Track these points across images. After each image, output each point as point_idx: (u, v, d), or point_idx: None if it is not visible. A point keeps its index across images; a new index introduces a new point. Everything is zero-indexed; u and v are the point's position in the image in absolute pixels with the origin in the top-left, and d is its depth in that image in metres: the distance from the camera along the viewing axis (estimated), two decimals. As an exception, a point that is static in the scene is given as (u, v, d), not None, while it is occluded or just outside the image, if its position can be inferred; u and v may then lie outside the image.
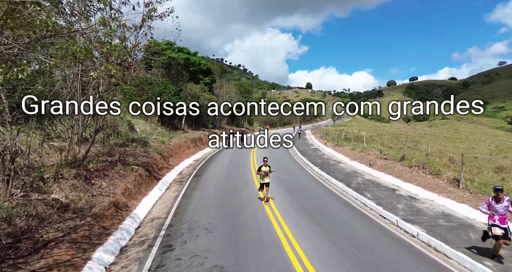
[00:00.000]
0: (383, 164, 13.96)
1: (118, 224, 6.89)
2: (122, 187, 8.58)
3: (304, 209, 8.57)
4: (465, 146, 50.54)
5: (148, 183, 10.51)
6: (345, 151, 19.52)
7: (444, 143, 49.53)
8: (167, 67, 27.06)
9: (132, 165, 10.57)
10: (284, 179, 12.50)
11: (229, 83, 40.31)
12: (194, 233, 6.71)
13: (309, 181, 12.48)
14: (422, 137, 57.24)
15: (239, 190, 10.61)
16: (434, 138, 55.13)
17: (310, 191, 10.68)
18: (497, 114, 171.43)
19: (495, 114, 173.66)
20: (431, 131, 68.43)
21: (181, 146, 18.80)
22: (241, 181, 12.07)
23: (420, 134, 58.23)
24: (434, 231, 6.70)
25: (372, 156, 16.01)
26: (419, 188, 10.41)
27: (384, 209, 8.32)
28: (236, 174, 13.56)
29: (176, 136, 21.13)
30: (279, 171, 14.32)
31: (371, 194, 10.01)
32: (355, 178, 12.49)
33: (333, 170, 14.37)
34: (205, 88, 27.93)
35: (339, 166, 15.57)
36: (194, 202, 9.19)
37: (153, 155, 13.58)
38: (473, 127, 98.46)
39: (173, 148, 17.23)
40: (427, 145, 39.37)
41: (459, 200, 8.73)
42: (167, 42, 26.82)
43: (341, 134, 30.16)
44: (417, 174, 11.66)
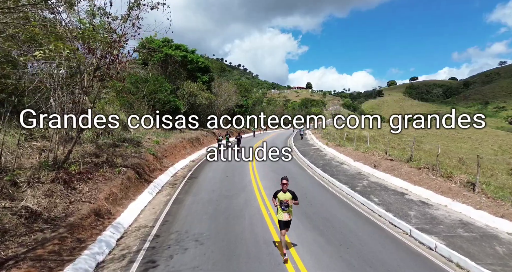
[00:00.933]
0: (389, 165, 13.18)
1: (98, 234, 6.10)
2: (106, 191, 7.80)
3: (307, 216, 7.78)
4: (468, 146, 49.85)
5: (137, 186, 9.72)
6: (347, 151, 18.73)
7: (447, 143, 48.78)
8: (163, 65, 26.27)
9: (120, 167, 9.78)
10: (284, 182, 11.71)
11: (228, 82, 39.48)
12: (183, 245, 5.92)
13: (311, 184, 11.70)
14: (424, 136, 56.55)
15: (236, 194, 9.82)
16: (436, 138, 54.42)
17: (313, 195, 9.89)
18: (498, 114, 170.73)
19: (495, 114, 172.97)
20: (432, 131, 67.62)
21: (177, 146, 18.01)
22: (239, 184, 11.28)
23: (421, 134, 57.50)
24: (454, 243, 5.92)
25: (376, 157, 15.22)
26: (430, 191, 9.62)
27: (394, 216, 7.54)
28: (234, 176, 12.78)
29: (172, 135, 20.34)
30: (278, 172, 13.54)
31: (379, 198, 9.22)
32: (360, 181, 11.70)
33: (336, 171, 13.58)
34: (203, 87, 27.17)
35: (342, 167, 14.78)
36: (185, 208, 8.41)
37: (146, 156, 12.80)
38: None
39: (168, 148, 16.44)
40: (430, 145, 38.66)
41: (476, 205, 7.95)
42: (164, 39, 26.08)
43: (343, 135, 29.41)
44: (427, 176, 10.87)
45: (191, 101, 26.25)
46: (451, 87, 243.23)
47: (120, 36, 8.37)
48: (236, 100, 40.64)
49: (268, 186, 10.90)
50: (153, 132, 18.95)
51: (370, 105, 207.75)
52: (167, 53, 24.28)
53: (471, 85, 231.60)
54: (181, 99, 25.68)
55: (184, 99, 25.82)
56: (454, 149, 39.60)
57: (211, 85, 31.55)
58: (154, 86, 21.09)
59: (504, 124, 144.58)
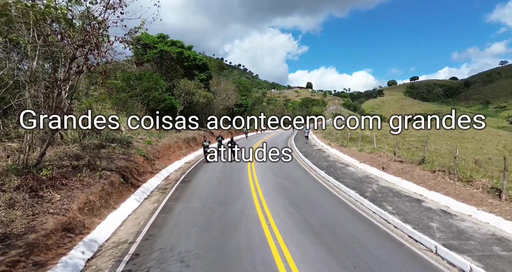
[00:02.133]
0: (399, 168, 12.15)
1: (63, 255, 5.07)
2: (82, 200, 6.77)
3: (312, 228, 6.76)
4: (472, 146, 48.78)
5: (121, 192, 8.69)
6: (352, 152, 17.70)
7: (451, 143, 47.71)
8: (159, 62, 25.25)
9: (103, 170, 8.76)
10: (286, 186, 10.69)
11: (227, 81, 38.42)
12: (165, 268, 4.90)
13: (315, 189, 10.66)
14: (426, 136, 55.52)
15: (232, 200, 8.79)
16: (440, 138, 53.37)
17: (318, 202, 8.86)
18: (499, 114, 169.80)
19: (496, 114, 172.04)
20: (435, 131, 66.54)
21: (171, 146, 16.99)
22: (235, 188, 10.26)
23: (424, 134, 56.42)
24: (494, 266, 4.89)
25: (384, 158, 14.19)
26: (449, 198, 8.59)
27: (414, 229, 6.51)
28: (230, 179, 11.75)
29: (167, 135, 19.32)
30: (279, 175, 12.52)
31: (393, 206, 8.19)
32: (369, 185, 10.67)
33: (341, 174, 12.55)
34: (201, 85, 26.14)
35: (348, 169, 13.75)
36: (174, 218, 7.38)
37: (135, 158, 11.77)
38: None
39: (161, 149, 15.41)
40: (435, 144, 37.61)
41: (507, 215, 6.92)
42: (160, 35, 25.07)
43: (345, 135, 28.38)
44: (443, 181, 9.84)
45: (187, 99, 25.22)
46: (452, 87, 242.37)
47: (99, 23, 7.34)
48: (235, 100, 39.62)
49: (268, 191, 9.88)
50: (147, 132, 17.94)
51: (371, 105, 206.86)
52: (162, 49, 23.23)
53: (472, 85, 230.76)
54: (177, 98, 24.68)
55: (180, 97, 24.80)
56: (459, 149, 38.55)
57: (209, 84, 30.52)
58: (148, 83, 20.08)
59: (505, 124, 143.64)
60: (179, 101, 24.52)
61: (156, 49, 23.21)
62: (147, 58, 23.40)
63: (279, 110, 74.89)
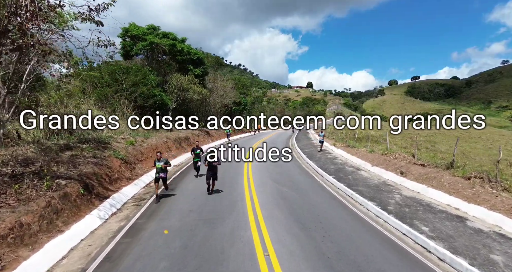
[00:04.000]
0: (422, 173, 10.26)
1: None
2: (8, 223, 4.88)
3: (327, 262, 4.87)
4: (481, 146, 46.76)
5: (79, 207, 6.79)
6: (361, 154, 15.82)
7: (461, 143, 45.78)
8: (150, 55, 23.37)
9: (58, 179, 6.88)
10: (288, 196, 8.80)
11: (224, 77, 36.49)
12: None
13: (325, 199, 8.77)
14: (432, 136, 53.53)
15: (220, 217, 6.91)
16: (446, 138, 51.33)
17: (330, 219, 6.98)
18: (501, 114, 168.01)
19: (498, 114, 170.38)
20: (440, 131, 64.63)
21: (159, 147, 15.09)
22: (227, 199, 8.37)
23: (429, 134, 54.50)
24: None
25: (401, 161, 12.31)
26: (497, 214, 6.71)
27: (472, 266, 4.62)
28: (222, 186, 9.86)
29: (155, 135, 17.44)
30: (280, 181, 10.63)
31: (429, 226, 6.30)
32: (389, 194, 8.78)
33: (353, 180, 10.67)
34: (195, 81, 24.23)
35: (360, 174, 11.87)
36: (140, 245, 5.49)
37: (109, 161, 9.89)
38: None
39: (145, 150, 13.52)
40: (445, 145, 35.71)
41: None
42: (150, 26, 23.17)
43: (350, 134, 26.52)
44: (483, 190, 7.95)
45: (181, 96, 23.34)
46: (453, 86, 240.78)
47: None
48: (233, 97, 37.74)
49: (267, 203, 7.99)
50: (133, 131, 16.07)
51: (372, 105, 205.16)
52: (152, 41, 21.32)
53: (473, 85, 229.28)
54: (169, 94, 22.80)
55: (173, 94, 22.93)
56: (469, 149, 36.58)
57: (204, 80, 28.62)
58: (135, 77, 18.19)
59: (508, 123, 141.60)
60: (172, 98, 22.66)
61: (146, 41, 21.30)
62: (136, 52, 21.50)
63: (279, 109, 72.99)
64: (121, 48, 22.44)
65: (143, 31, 21.86)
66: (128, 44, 22.02)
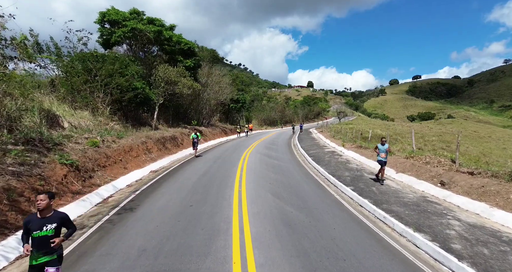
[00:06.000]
0: (475, 185, 7.56)
1: None
2: None
3: None
4: (494, 146, 44.17)
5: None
6: (379, 157, 13.11)
7: (470, 143, 43.11)
8: (133, 44, 20.65)
9: None
10: (294, 221, 6.08)
11: (220, 72, 33.70)
12: None
13: (346, 227, 6.04)
14: (441, 136, 50.88)
15: (186, 267, 4.20)
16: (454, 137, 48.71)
17: (359, 265, 4.27)
18: (504, 113, 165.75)
19: (501, 113, 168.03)
20: (448, 130, 61.86)
21: (134, 148, 12.40)
22: (205, 227, 5.67)
23: (438, 134, 51.85)
24: None
25: (436, 167, 9.62)
26: None
27: None
28: (203, 204, 7.16)
29: (135, 133, 14.76)
30: (282, 195, 7.90)
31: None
32: (442, 220, 6.06)
33: (380, 194, 7.97)
34: (185, 73, 21.48)
35: (387, 184, 9.17)
36: None
37: (49, 169, 7.20)
38: (481, 126, 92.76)
39: (113, 152, 10.83)
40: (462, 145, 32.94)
41: None
42: (133, 10, 20.45)
43: (357, 133, 23.85)
44: None
45: (169, 90, 20.62)
46: (455, 85, 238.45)
47: None
48: (230, 94, 35.00)
49: (263, 237, 5.27)
50: (105, 129, 13.40)
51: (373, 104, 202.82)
52: (135, 27, 18.58)
53: (475, 84, 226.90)
54: (156, 88, 20.09)
55: (160, 88, 20.22)
56: (483, 150, 33.90)
57: (197, 73, 25.90)
58: (112, 66, 15.45)
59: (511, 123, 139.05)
60: (158, 92, 19.95)
61: (127, 27, 18.57)
62: (115, 39, 18.76)
63: (279, 108, 70.26)
64: (100, 36, 19.73)
65: (124, 16, 19.12)
66: (107, 31, 19.30)
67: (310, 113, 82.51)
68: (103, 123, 14.39)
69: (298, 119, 71.54)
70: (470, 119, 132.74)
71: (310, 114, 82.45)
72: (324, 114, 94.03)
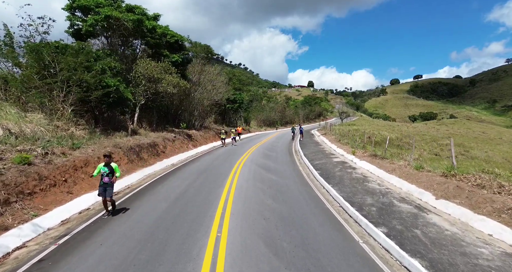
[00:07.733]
0: None
1: None
2: None
3: None
4: (508, 149, 41.42)
5: None
6: (402, 171, 10.33)
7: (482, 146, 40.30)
8: (109, 35, 17.86)
9: None
10: None
11: (213, 69, 30.84)
12: None
13: None
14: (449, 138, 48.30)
15: None
16: (468, 140, 46.00)
17: None
18: (506, 113, 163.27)
19: (504, 113, 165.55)
20: (455, 131, 59.15)
21: (90, 163, 9.60)
22: None
23: (446, 135, 49.09)
24: None
25: (496, 193, 6.84)
26: None
27: None
28: (161, 261, 4.38)
29: (99, 141, 11.98)
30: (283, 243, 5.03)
31: None
32: None
33: (434, 246, 5.18)
34: (171, 69, 18.72)
35: (435, 224, 6.36)
36: None
37: None
38: (485, 126, 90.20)
39: (56, 171, 8.04)
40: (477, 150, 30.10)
41: None
42: (109, -5, 17.63)
43: (363, 136, 21.10)
44: None
45: (151, 89, 17.86)
46: (456, 85, 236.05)
47: None
48: (226, 93, 32.23)
49: None
50: (60, 136, 10.69)
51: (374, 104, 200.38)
52: (109, 15, 15.77)
53: (477, 83, 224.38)
54: (135, 87, 17.32)
55: (141, 85, 17.46)
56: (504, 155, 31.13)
57: (186, 70, 23.09)
58: (75, 59, 12.65)
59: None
60: (138, 91, 17.18)
61: (100, 15, 15.78)
62: (87, 29, 15.95)
63: (280, 108, 67.53)
64: (70, 26, 16.95)
65: (97, 2, 16.32)
66: (77, 20, 16.52)
67: (311, 114, 79.79)
68: (61, 128, 11.65)
69: (299, 120, 68.77)
70: (473, 120, 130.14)
71: (311, 114, 79.71)
72: (326, 115, 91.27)
